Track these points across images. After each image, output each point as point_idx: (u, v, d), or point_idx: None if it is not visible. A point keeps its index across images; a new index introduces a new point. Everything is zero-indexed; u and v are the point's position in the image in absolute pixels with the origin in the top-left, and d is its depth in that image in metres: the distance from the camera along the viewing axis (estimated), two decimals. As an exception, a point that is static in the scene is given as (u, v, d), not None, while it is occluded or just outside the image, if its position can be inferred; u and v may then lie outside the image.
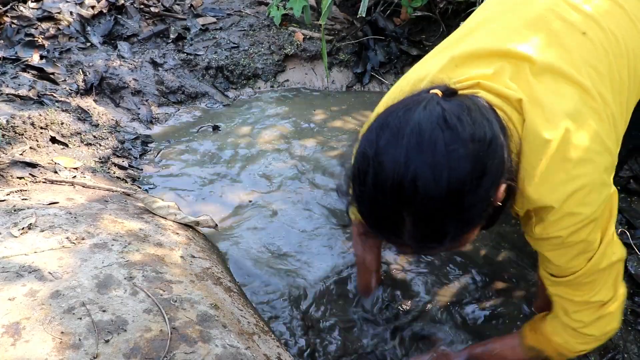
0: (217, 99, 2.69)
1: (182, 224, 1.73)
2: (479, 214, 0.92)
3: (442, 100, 0.90)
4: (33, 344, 1.05)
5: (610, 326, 1.19)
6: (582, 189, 0.99)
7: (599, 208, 1.02)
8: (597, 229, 1.05)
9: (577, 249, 1.06)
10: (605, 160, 1.02)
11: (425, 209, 0.87)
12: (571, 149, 0.98)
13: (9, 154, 1.89)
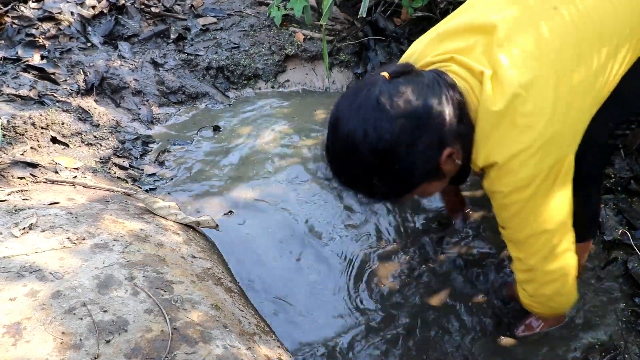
0: (217, 99, 2.69)
1: (183, 224, 1.73)
2: (414, 174, 1.13)
3: (384, 83, 1.10)
4: (34, 344, 1.05)
5: (541, 291, 1.32)
6: (525, 151, 1.10)
7: (540, 173, 1.12)
8: (538, 195, 1.15)
9: (515, 208, 1.18)
10: (552, 129, 1.11)
11: (357, 168, 1.12)
12: (518, 116, 1.10)
13: (10, 154, 1.89)
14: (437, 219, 1.98)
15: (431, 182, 1.19)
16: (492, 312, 1.67)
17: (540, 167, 1.13)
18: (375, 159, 1.09)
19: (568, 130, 1.15)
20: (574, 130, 1.17)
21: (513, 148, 1.11)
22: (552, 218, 1.20)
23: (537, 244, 1.22)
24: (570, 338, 1.60)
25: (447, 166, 1.16)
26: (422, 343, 1.59)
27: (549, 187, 1.16)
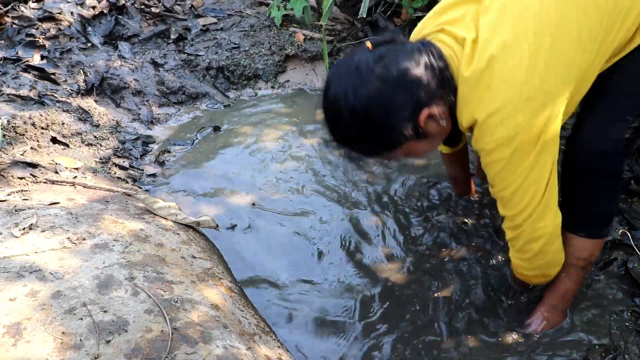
0: (217, 100, 2.69)
1: (183, 224, 1.73)
2: (393, 134, 1.23)
3: (366, 51, 1.21)
4: (34, 345, 1.05)
5: (527, 248, 1.37)
6: (501, 110, 1.17)
7: (519, 132, 1.18)
8: (519, 154, 1.20)
9: (499, 166, 1.25)
10: (528, 91, 1.16)
11: (342, 129, 1.25)
12: (494, 77, 1.17)
13: (10, 154, 1.89)
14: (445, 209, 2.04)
15: (416, 141, 1.27)
16: (493, 311, 1.67)
17: (518, 126, 1.18)
18: (354, 120, 1.21)
19: (547, 91, 1.18)
20: (555, 91, 1.19)
21: (490, 106, 1.18)
22: (536, 178, 1.25)
23: (522, 202, 1.28)
24: (570, 338, 1.60)
25: (430, 127, 1.25)
26: (423, 342, 1.59)
27: (530, 147, 1.20)
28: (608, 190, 1.42)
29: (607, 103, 1.35)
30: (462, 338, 1.60)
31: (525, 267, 1.47)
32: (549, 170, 1.26)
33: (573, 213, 1.48)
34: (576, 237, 1.47)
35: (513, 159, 1.22)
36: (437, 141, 1.36)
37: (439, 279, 1.77)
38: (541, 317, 1.61)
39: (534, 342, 1.58)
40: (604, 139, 1.35)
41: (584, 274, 1.54)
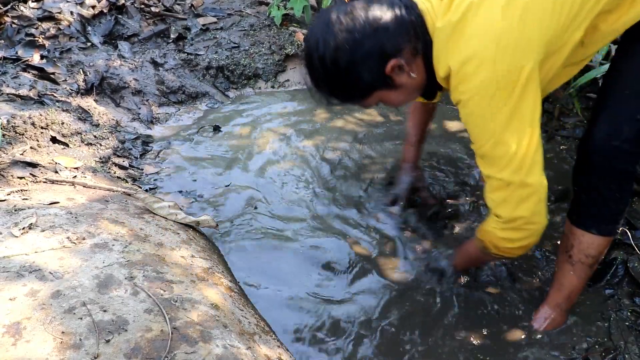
0: (217, 99, 2.69)
1: (183, 224, 1.73)
2: (360, 82, 1.31)
3: (341, 3, 1.30)
4: (34, 344, 1.05)
5: (518, 212, 1.32)
6: (475, 57, 1.19)
7: (493, 80, 1.18)
8: (496, 103, 1.21)
9: (477, 117, 1.26)
10: (501, 38, 1.17)
11: (316, 75, 1.34)
12: (468, 25, 1.20)
13: (10, 153, 1.89)
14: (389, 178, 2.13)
15: (387, 91, 1.35)
16: (493, 310, 1.67)
17: (492, 73, 1.18)
18: (324, 70, 1.30)
19: (523, 39, 1.19)
20: (529, 40, 1.19)
21: (464, 54, 1.21)
22: (516, 129, 1.24)
23: (506, 154, 1.26)
24: (570, 338, 1.60)
25: (399, 78, 1.32)
26: (425, 340, 1.59)
27: (506, 95, 1.20)
28: (620, 189, 1.42)
29: (619, 102, 1.35)
30: (463, 337, 1.60)
31: (513, 237, 1.39)
32: (529, 122, 1.24)
33: (586, 210, 1.48)
34: (587, 234, 1.47)
35: (490, 108, 1.22)
36: (411, 93, 1.41)
37: (436, 276, 1.77)
38: (544, 316, 1.61)
39: (534, 342, 1.58)
40: (616, 137, 1.35)
41: (590, 272, 1.54)
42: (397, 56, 1.28)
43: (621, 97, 1.35)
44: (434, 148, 2.33)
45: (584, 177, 1.45)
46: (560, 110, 2.42)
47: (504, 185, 1.30)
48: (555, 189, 2.03)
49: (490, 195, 1.37)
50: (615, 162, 1.37)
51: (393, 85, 1.34)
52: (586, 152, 1.42)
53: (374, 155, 2.29)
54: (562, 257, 1.55)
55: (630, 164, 1.39)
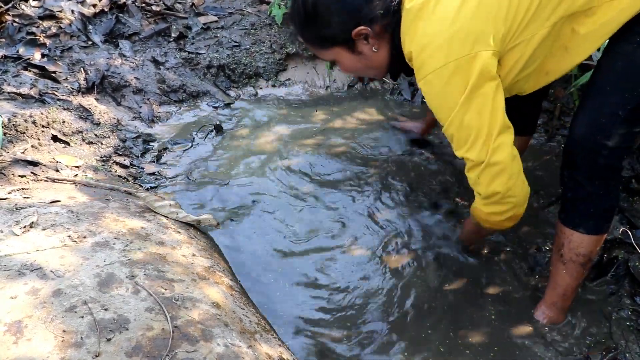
0: (218, 98, 2.69)
1: (184, 222, 1.73)
2: (328, 31, 1.41)
3: None
4: (35, 343, 1.05)
5: (493, 188, 1.39)
6: (431, 44, 1.27)
7: (445, 69, 1.26)
8: (453, 87, 1.28)
9: (437, 99, 1.35)
10: (459, 24, 1.25)
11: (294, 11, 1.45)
12: (428, 12, 1.28)
13: (11, 152, 1.89)
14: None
15: (346, 51, 1.45)
16: (492, 310, 1.67)
17: (446, 61, 1.26)
18: (303, 6, 1.40)
19: (476, 30, 1.26)
20: (485, 32, 1.26)
21: (422, 40, 1.29)
22: (478, 111, 1.30)
23: (470, 135, 1.34)
24: (570, 337, 1.60)
25: (362, 46, 1.43)
26: (426, 339, 1.59)
27: (461, 83, 1.28)
28: (606, 185, 1.42)
29: (600, 97, 1.36)
30: (463, 336, 1.60)
31: (497, 211, 1.46)
32: (490, 108, 1.31)
33: (572, 209, 1.48)
34: (576, 233, 1.48)
35: (446, 93, 1.31)
36: (368, 67, 1.50)
37: (441, 274, 1.78)
38: (542, 314, 1.62)
39: (535, 341, 1.58)
40: (598, 133, 1.35)
41: (584, 271, 1.54)
42: (368, 25, 1.38)
43: (602, 92, 1.36)
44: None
45: (568, 174, 1.46)
46: (561, 109, 2.42)
47: (475, 164, 1.38)
48: (556, 188, 2.03)
49: (468, 174, 1.44)
50: (599, 158, 1.37)
51: (353, 49, 1.44)
52: (569, 149, 1.42)
53: (372, 154, 2.29)
54: (555, 256, 1.56)
55: (614, 159, 1.39)
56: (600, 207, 1.45)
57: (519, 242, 1.89)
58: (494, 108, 1.32)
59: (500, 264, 1.82)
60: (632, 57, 1.31)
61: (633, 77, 1.32)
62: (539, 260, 1.82)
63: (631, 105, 1.32)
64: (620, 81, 1.33)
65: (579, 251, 1.50)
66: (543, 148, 2.36)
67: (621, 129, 1.34)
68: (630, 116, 1.33)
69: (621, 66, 1.33)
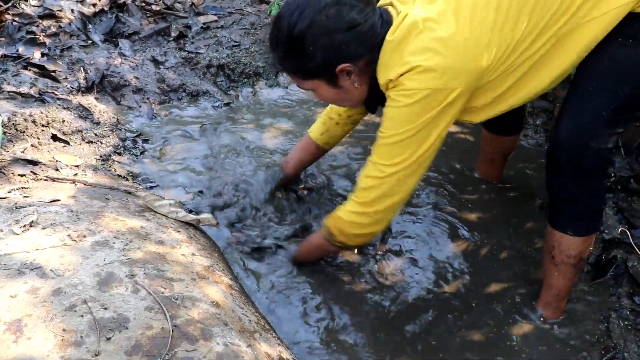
0: (218, 97, 2.69)
1: (184, 222, 1.73)
2: (311, 64, 1.36)
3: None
4: (35, 341, 1.05)
5: (379, 202, 1.44)
6: (414, 70, 1.28)
7: (418, 91, 1.29)
8: (414, 110, 1.32)
9: (395, 112, 1.35)
10: (436, 60, 1.27)
11: (277, 38, 1.38)
12: (409, 44, 1.29)
13: (10, 151, 1.89)
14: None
15: (326, 85, 1.42)
16: (491, 310, 1.67)
17: (426, 84, 1.28)
18: (288, 35, 1.34)
19: (454, 66, 1.27)
20: (463, 68, 1.28)
21: (403, 67, 1.29)
22: (420, 140, 1.35)
23: (400, 155, 1.38)
24: (569, 337, 1.60)
25: (344, 81, 1.40)
26: (425, 340, 1.59)
27: (427, 108, 1.31)
28: (591, 187, 1.41)
29: (583, 98, 1.35)
30: (462, 336, 1.60)
31: (361, 223, 1.49)
32: (433, 139, 1.36)
33: (559, 211, 1.48)
34: (565, 236, 1.48)
35: (408, 110, 1.32)
36: (346, 99, 1.49)
37: (440, 274, 1.78)
38: (537, 315, 1.63)
39: (534, 340, 1.59)
40: (581, 134, 1.35)
41: (576, 271, 1.54)
42: (352, 62, 1.35)
43: (585, 93, 1.35)
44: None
45: (553, 176, 1.45)
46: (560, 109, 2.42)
47: (383, 175, 1.41)
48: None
49: (366, 174, 1.45)
50: (583, 160, 1.36)
51: (335, 83, 1.41)
52: (553, 151, 1.41)
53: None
54: (547, 258, 1.56)
55: (599, 160, 1.38)
56: (587, 208, 1.44)
57: (518, 241, 1.90)
58: (436, 141, 1.37)
59: (499, 264, 1.82)
60: (615, 56, 1.30)
61: (617, 76, 1.31)
62: (538, 260, 1.82)
63: (615, 105, 1.31)
64: (604, 81, 1.32)
65: (569, 253, 1.50)
66: (541, 148, 2.36)
67: (605, 130, 1.33)
68: (615, 116, 1.32)
69: (604, 65, 1.32)
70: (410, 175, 1.40)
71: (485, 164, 2.12)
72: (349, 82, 1.41)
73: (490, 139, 2.02)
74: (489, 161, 2.10)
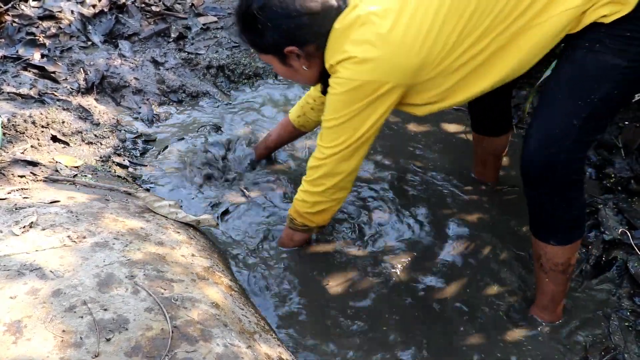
0: (218, 98, 2.69)
1: (183, 222, 1.73)
2: (263, 40, 1.46)
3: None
4: (35, 343, 1.05)
5: (324, 180, 1.56)
6: (350, 59, 1.36)
7: (352, 81, 1.37)
8: (349, 97, 1.40)
9: (333, 99, 1.44)
10: (373, 53, 1.34)
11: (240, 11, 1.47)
12: (351, 34, 1.37)
13: (10, 152, 1.89)
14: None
15: (278, 62, 1.52)
16: (492, 310, 1.67)
17: (357, 76, 1.37)
18: (245, 11, 1.44)
19: (394, 62, 1.35)
20: (403, 66, 1.35)
21: (343, 55, 1.37)
22: (355, 126, 1.45)
23: (336, 139, 1.48)
24: (570, 337, 1.60)
25: (293, 62, 1.50)
26: (424, 340, 1.59)
27: (360, 97, 1.39)
28: (565, 198, 1.39)
29: (552, 108, 1.33)
30: (461, 337, 1.60)
31: (311, 201, 1.61)
32: (368, 126, 1.45)
33: (538, 223, 1.47)
34: (549, 246, 1.47)
35: (345, 100, 1.41)
36: (299, 78, 1.59)
37: (439, 274, 1.78)
38: (536, 317, 1.63)
39: (534, 341, 1.59)
40: (551, 146, 1.32)
41: (566, 276, 1.54)
42: (300, 46, 1.45)
43: (555, 102, 1.33)
44: (426, 152, 2.33)
45: (528, 190, 1.43)
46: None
47: (323, 157, 1.53)
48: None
49: (314, 157, 1.57)
50: (555, 174, 1.34)
51: (285, 62, 1.51)
52: (525, 168, 1.39)
53: (371, 150, 2.29)
54: (536, 265, 1.56)
55: (571, 172, 1.35)
56: (566, 219, 1.42)
57: (518, 243, 1.90)
58: (372, 128, 1.46)
59: (498, 265, 1.82)
60: (582, 63, 1.29)
61: (585, 83, 1.29)
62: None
63: (585, 113, 1.29)
64: (573, 89, 1.30)
65: (556, 261, 1.49)
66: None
67: (577, 139, 1.31)
68: (586, 125, 1.30)
69: (572, 73, 1.31)
70: (348, 157, 1.50)
71: (480, 166, 2.12)
72: (298, 64, 1.51)
73: (478, 140, 2.02)
74: (482, 162, 2.09)
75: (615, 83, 1.28)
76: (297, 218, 1.69)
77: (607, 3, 1.24)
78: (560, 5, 1.26)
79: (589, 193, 2.05)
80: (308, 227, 1.71)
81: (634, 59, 1.26)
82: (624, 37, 1.25)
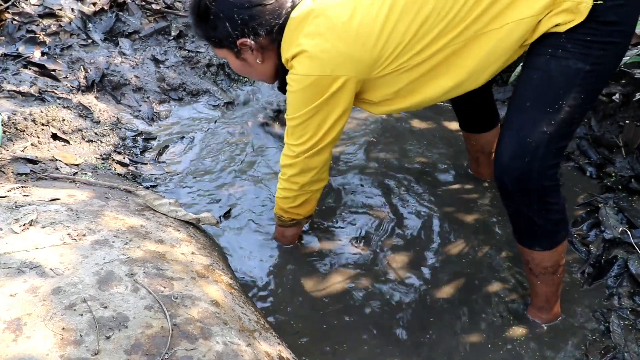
0: (218, 96, 2.69)
1: (183, 220, 1.73)
2: (215, 33, 1.47)
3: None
4: (34, 340, 1.05)
5: (298, 177, 1.58)
6: (303, 53, 1.37)
7: (306, 78, 1.37)
8: (307, 95, 1.40)
9: (291, 97, 1.45)
10: (325, 46, 1.34)
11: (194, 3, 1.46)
12: (305, 26, 1.37)
13: (10, 150, 1.89)
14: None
15: (231, 54, 1.53)
16: (492, 310, 1.67)
17: (310, 71, 1.37)
18: (199, 4, 1.44)
19: (345, 52, 1.34)
20: (355, 59, 1.35)
21: (297, 49, 1.38)
22: (318, 122, 1.45)
23: (302, 136, 1.49)
24: (569, 337, 1.60)
25: (247, 55, 1.51)
26: (423, 340, 1.59)
27: (316, 94, 1.39)
28: (544, 205, 1.38)
29: (521, 117, 1.32)
30: (461, 336, 1.60)
31: (290, 196, 1.64)
32: (331, 121, 1.45)
33: (520, 231, 1.47)
34: (534, 252, 1.47)
35: (302, 97, 1.42)
36: (253, 73, 1.60)
37: (439, 274, 1.78)
38: (534, 317, 1.63)
39: (534, 341, 1.59)
40: (525, 156, 1.31)
41: (557, 277, 1.53)
42: (252, 39, 1.45)
43: (523, 110, 1.32)
44: (423, 150, 2.33)
45: (504, 199, 1.42)
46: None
47: (293, 154, 1.54)
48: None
49: (285, 155, 1.58)
50: (530, 182, 1.33)
51: (239, 55, 1.52)
52: (499, 178, 1.38)
53: (370, 149, 2.29)
54: (526, 269, 1.56)
55: (546, 179, 1.34)
56: (546, 225, 1.41)
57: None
58: (336, 124, 1.46)
59: (498, 264, 1.82)
60: (547, 69, 1.28)
61: (551, 89, 1.28)
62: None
63: (555, 120, 1.28)
64: (540, 96, 1.30)
65: (544, 265, 1.49)
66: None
67: (549, 146, 1.29)
68: (557, 131, 1.29)
69: (537, 80, 1.30)
70: (318, 153, 1.52)
71: (474, 163, 2.11)
72: (252, 57, 1.51)
73: (468, 137, 2.02)
74: (475, 160, 2.09)
75: (580, 87, 1.27)
76: (284, 215, 1.72)
77: (560, 12, 1.24)
78: (517, 13, 1.26)
79: (590, 192, 2.05)
80: (296, 220, 1.75)
81: (595, 62, 1.26)
82: (585, 41, 1.25)
